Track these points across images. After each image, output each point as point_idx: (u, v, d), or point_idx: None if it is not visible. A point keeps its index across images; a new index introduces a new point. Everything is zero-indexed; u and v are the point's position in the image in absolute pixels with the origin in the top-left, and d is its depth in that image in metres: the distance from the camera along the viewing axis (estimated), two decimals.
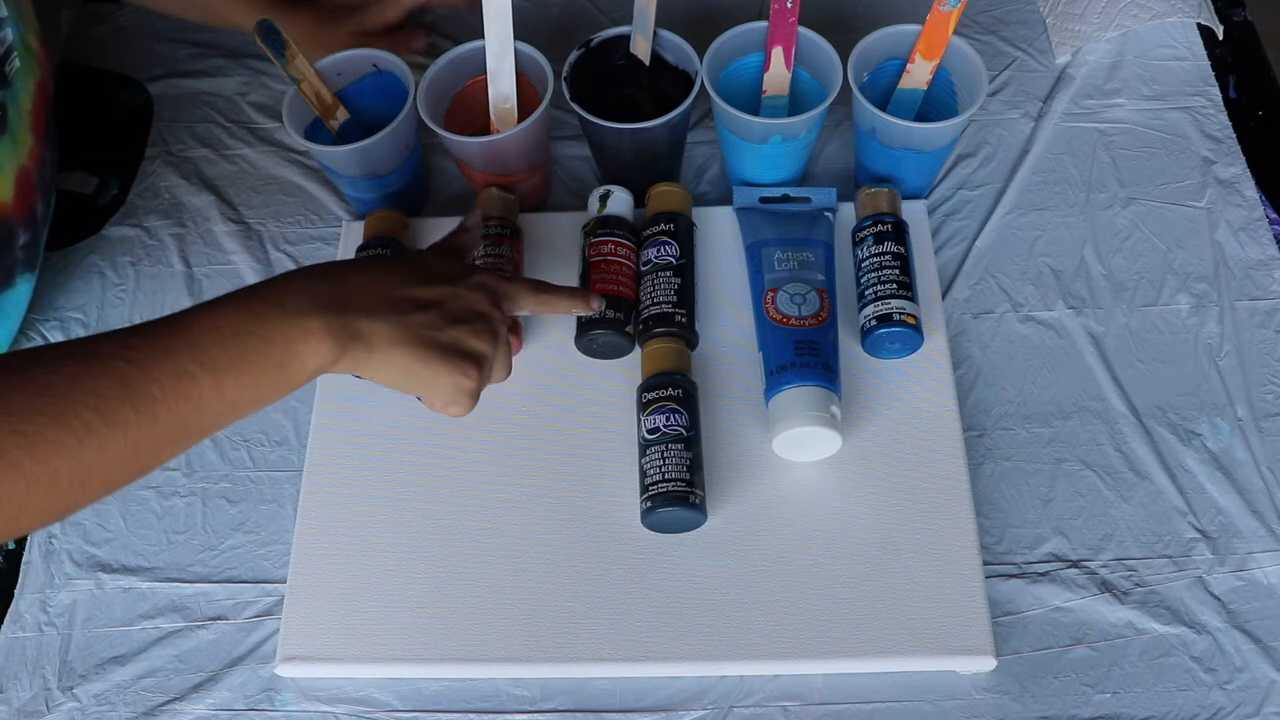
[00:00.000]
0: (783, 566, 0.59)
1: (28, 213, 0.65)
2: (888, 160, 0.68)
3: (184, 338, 0.46)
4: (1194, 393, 0.65)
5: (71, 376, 0.43)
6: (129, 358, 0.44)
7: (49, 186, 0.69)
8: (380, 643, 0.59)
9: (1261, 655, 0.57)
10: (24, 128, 0.64)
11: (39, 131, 0.66)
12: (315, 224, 0.76)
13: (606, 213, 0.68)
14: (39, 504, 0.42)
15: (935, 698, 0.57)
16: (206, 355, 0.45)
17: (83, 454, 0.42)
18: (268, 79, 0.83)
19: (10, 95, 0.62)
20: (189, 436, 0.46)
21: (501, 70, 0.69)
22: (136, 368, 0.44)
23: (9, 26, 0.63)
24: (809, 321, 0.63)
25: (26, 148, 0.64)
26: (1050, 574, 0.60)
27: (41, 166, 0.67)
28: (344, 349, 0.49)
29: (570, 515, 0.62)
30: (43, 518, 0.43)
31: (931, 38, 0.66)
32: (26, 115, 0.64)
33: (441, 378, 0.52)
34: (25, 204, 0.65)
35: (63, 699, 0.60)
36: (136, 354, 0.44)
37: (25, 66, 0.64)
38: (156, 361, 0.44)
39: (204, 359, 0.45)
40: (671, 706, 0.58)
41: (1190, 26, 0.79)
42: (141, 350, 0.44)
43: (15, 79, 0.63)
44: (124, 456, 0.44)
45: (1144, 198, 0.72)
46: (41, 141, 0.66)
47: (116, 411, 0.43)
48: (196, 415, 0.46)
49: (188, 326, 0.46)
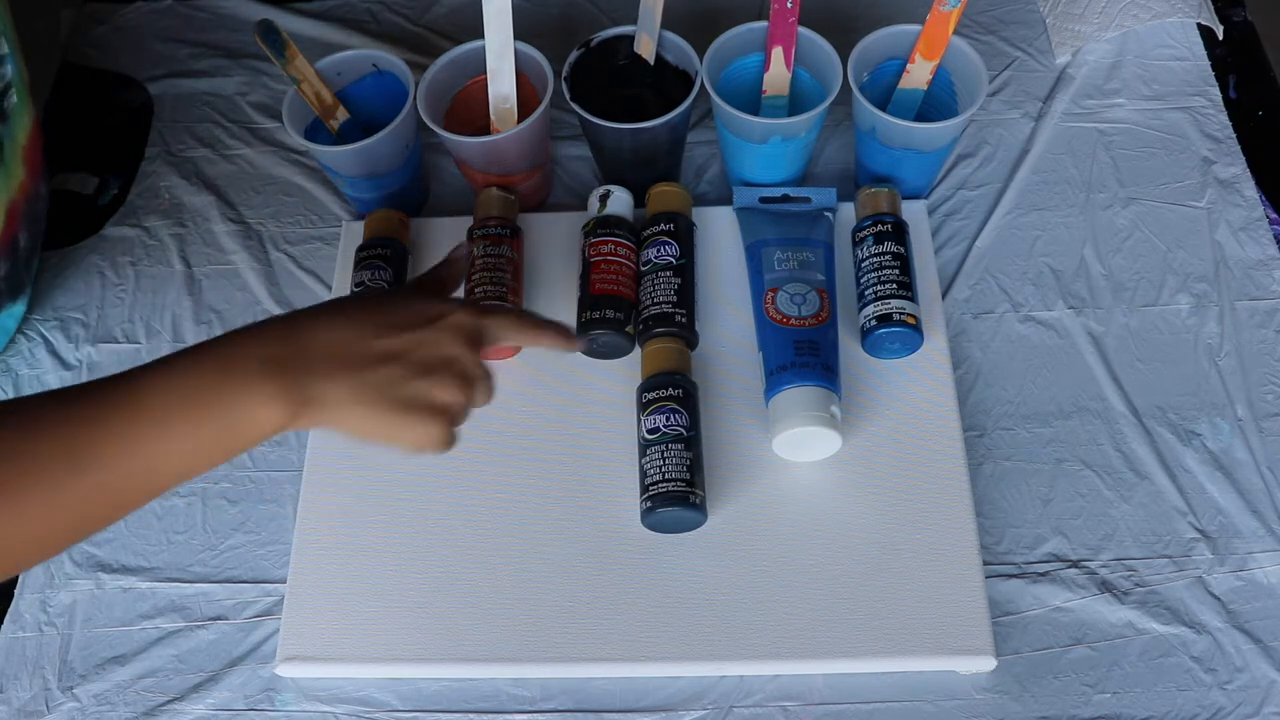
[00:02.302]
0: (783, 566, 0.59)
1: (9, 244, 0.66)
2: (888, 160, 0.68)
3: (132, 401, 0.45)
4: (1194, 393, 0.65)
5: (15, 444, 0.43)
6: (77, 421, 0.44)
7: (36, 220, 0.70)
8: (380, 643, 0.59)
9: (1261, 655, 0.57)
10: (17, 161, 0.65)
11: (31, 166, 0.66)
12: (315, 224, 0.76)
13: (606, 213, 0.68)
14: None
15: (935, 698, 0.57)
16: (156, 420, 0.45)
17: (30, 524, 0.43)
18: (268, 79, 0.83)
19: (7, 130, 0.63)
20: (145, 495, 0.46)
21: (501, 70, 0.69)
22: (82, 435, 0.43)
23: (9, 63, 0.63)
24: (809, 321, 0.63)
25: (17, 181, 0.65)
26: (1050, 574, 0.60)
27: (30, 200, 0.67)
28: (298, 411, 0.47)
29: (570, 515, 0.62)
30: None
31: (931, 38, 0.66)
32: (20, 150, 0.65)
33: (403, 433, 0.50)
34: (8, 235, 0.65)
35: (63, 699, 0.60)
36: (84, 415, 0.44)
37: (21, 103, 0.65)
38: (104, 427, 0.44)
39: (151, 430, 0.45)
40: (671, 706, 0.58)
41: (1190, 26, 0.79)
42: (88, 412, 0.44)
43: (12, 114, 0.64)
44: (76, 520, 0.44)
45: (1144, 198, 0.72)
46: (32, 176, 0.67)
47: (64, 480, 0.43)
48: (148, 477, 0.45)
49: (137, 390, 0.45)
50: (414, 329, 0.51)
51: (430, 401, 0.50)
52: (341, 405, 0.48)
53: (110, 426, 0.44)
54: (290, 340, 0.48)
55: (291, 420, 0.47)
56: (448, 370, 0.51)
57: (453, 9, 0.86)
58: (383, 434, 0.50)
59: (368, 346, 0.49)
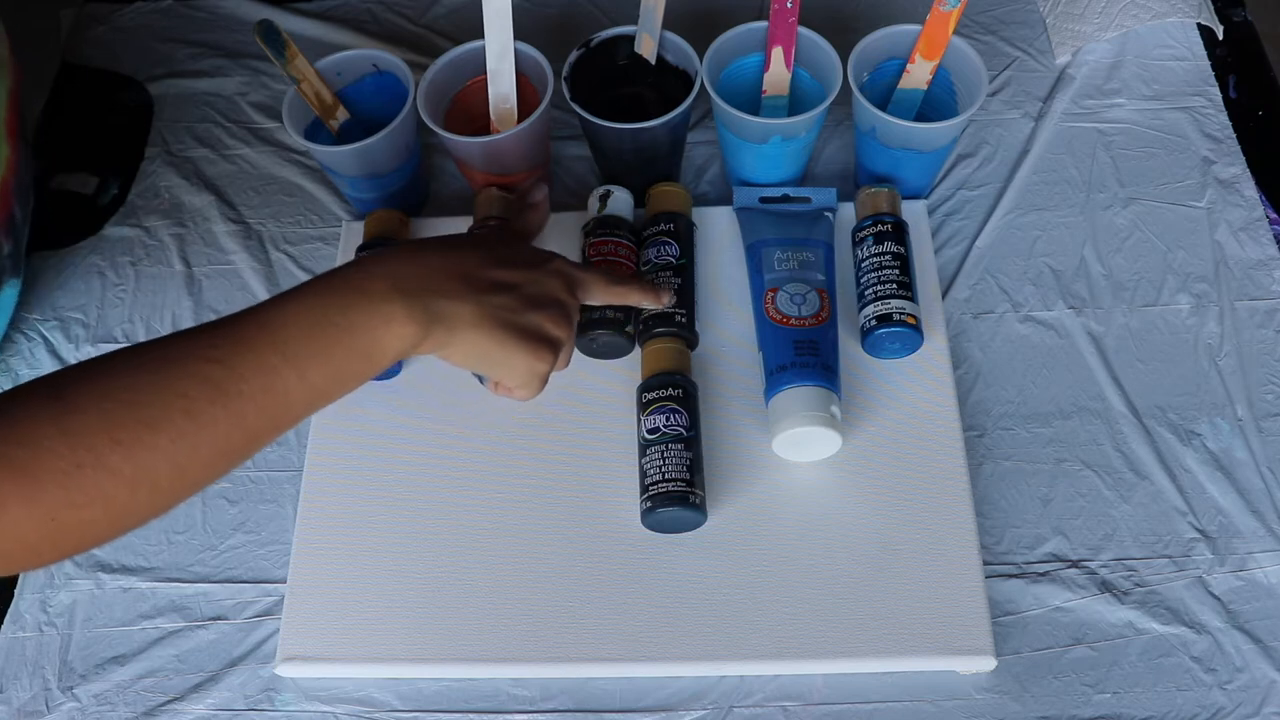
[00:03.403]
0: (783, 566, 0.59)
1: (7, 222, 0.65)
2: (888, 160, 0.68)
3: (266, 332, 0.46)
4: (1194, 393, 0.65)
5: (159, 381, 0.43)
6: (213, 357, 0.44)
7: (25, 191, 0.69)
8: (380, 643, 0.59)
9: (1261, 655, 0.57)
10: (1, 138, 0.64)
11: (14, 140, 0.66)
12: (315, 224, 0.76)
13: (606, 213, 0.68)
14: (141, 506, 0.44)
15: (935, 698, 0.57)
16: (290, 348, 0.46)
17: (177, 455, 0.43)
18: (268, 79, 0.83)
19: None
20: (278, 427, 0.47)
21: (501, 70, 0.69)
22: (221, 366, 0.44)
23: None
24: (809, 321, 0.63)
25: (4, 158, 0.65)
26: (1050, 574, 0.60)
27: (19, 174, 0.66)
28: (426, 332, 0.49)
29: (570, 515, 0.62)
30: (145, 517, 0.44)
31: (931, 38, 0.66)
32: (3, 125, 0.64)
33: (517, 360, 0.52)
34: (4, 214, 0.65)
35: (63, 699, 0.60)
36: (220, 352, 0.45)
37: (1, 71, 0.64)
38: (241, 358, 0.45)
39: (288, 352, 0.46)
40: (671, 706, 0.58)
41: (1190, 26, 0.79)
42: (224, 348, 0.45)
43: None
44: (217, 453, 0.45)
45: (1144, 198, 0.72)
46: (17, 150, 0.66)
47: (206, 412, 0.43)
48: (284, 406, 0.46)
49: (269, 320, 0.46)
50: (525, 267, 0.54)
51: (543, 332, 0.53)
52: (465, 327, 0.50)
53: (245, 358, 0.45)
54: (419, 263, 0.50)
55: (419, 342, 0.49)
56: (557, 307, 0.54)
57: (453, 9, 0.86)
58: (496, 359, 0.52)
59: (488, 273, 0.52)
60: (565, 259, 0.57)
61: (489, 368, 0.53)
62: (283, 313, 0.47)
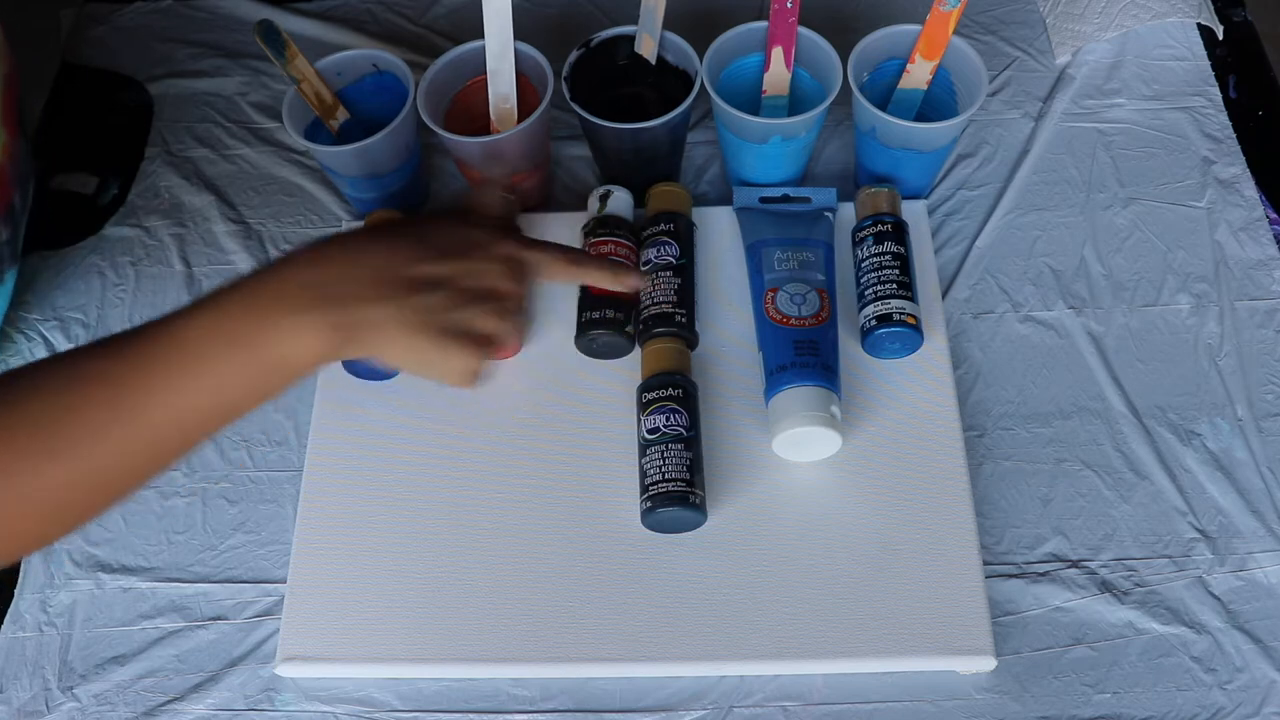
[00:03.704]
0: (783, 566, 0.59)
1: (7, 209, 0.65)
2: (888, 160, 0.68)
3: (173, 343, 0.44)
4: (1194, 393, 0.65)
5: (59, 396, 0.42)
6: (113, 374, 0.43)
7: (25, 180, 0.68)
8: (380, 643, 0.59)
9: (1261, 655, 0.57)
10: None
11: (10, 125, 0.65)
12: (315, 224, 0.76)
13: (606, 213, 0.68)
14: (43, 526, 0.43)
15: (935, 698, 0.57)
16: (198, 365, 0.44)
17: (78, 475, 0.42)
18: (268, 79, 0.83)
19: None
20: (190, 442, 0.46)
21: (501, 70, 0.69)
22: (125, 382, 0.43)
23: None
24: (809, 321, 0.63)
25: (1, 143, 0.64)
26: (1050, 574, 0.60)
27: (15, 160, 0.66)
28: (343, 340, 0.46)
29: (570, 515, 0.62)
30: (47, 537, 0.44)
31: (931, 38, 0.66)
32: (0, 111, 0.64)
33: (448, 361, 0.49)
34: (4, 201, 0.65)
35: (63, 699, 0.60)
36: (126, 362, 0.44)
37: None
38: (146, 372, 0.43)
39: (196, 369, 0.44)
40: (671, 706, 0.58)
41: (1190, 26, 0.79)
42: (129, 363, 0.44)
43: None
44: (123, 470, 0.44)
45: (1144, 198, 0.72)
46: (13, 135, 0.65)
47: (108, 429, 0.43)
48: (195, 421, 0.45)
49: (177, 332, 0.45)
50: (458, 256, 0.50)
51: (470, 330, 0.49)
52: (385, 330, 0.47)
53: (151, 371, 0.43)
54: (330, 265, 0.48)
55: (336, 349, 0.46)
56: (490, 300, 0.50)
57: (453, 9, 0.86)
58: (420, 362, 0.49)
59: (411, 271, 0.48)
60: (518, 239, 0.53)
61: (420, 369, 0.50)
62: (191, 327, 0.45)
